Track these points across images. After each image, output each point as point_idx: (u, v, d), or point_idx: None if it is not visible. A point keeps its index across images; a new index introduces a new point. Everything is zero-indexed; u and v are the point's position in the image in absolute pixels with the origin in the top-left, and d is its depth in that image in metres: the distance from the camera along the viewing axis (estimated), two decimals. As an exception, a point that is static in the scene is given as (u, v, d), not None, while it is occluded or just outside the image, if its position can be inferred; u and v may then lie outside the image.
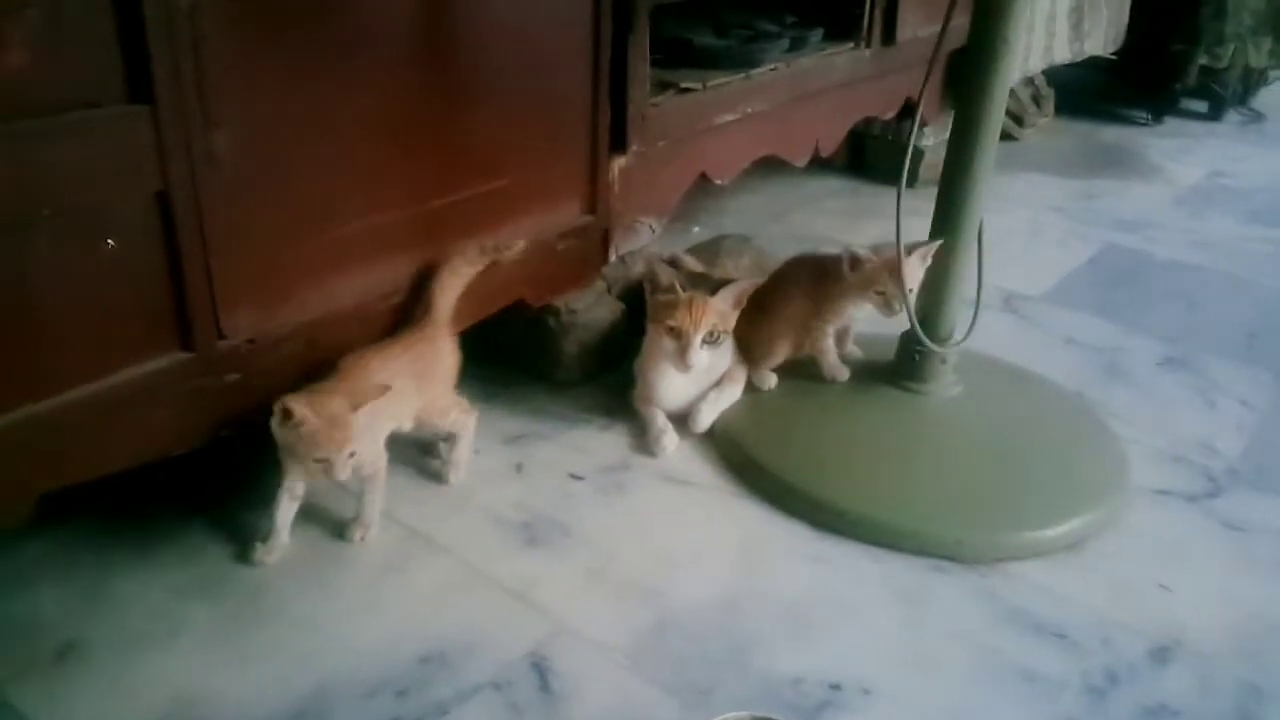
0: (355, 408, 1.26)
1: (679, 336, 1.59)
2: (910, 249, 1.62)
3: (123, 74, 1.09)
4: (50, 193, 1.06)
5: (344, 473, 1.28)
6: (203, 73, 1.14)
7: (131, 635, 1.24)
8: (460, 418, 1.53)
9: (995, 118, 1.55)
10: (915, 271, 1.64)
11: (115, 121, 1.10)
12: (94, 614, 1.27)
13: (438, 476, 1.54)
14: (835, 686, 1.21)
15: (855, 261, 1.66)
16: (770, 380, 1.75)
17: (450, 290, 1.48)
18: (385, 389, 1.29)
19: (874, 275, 1.65)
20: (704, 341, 1.59)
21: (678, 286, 1.59)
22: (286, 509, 1.36)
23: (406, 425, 1.45)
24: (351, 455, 1.27)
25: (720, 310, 1.60)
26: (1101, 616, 1.33)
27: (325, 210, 1.33)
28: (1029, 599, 1.36)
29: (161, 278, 1.18)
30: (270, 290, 1.30)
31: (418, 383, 1.43)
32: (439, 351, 1.47)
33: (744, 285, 1.63)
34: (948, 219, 1.61)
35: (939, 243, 1.63)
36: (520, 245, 1.56)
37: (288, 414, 1.24)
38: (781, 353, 1.76)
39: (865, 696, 1.20)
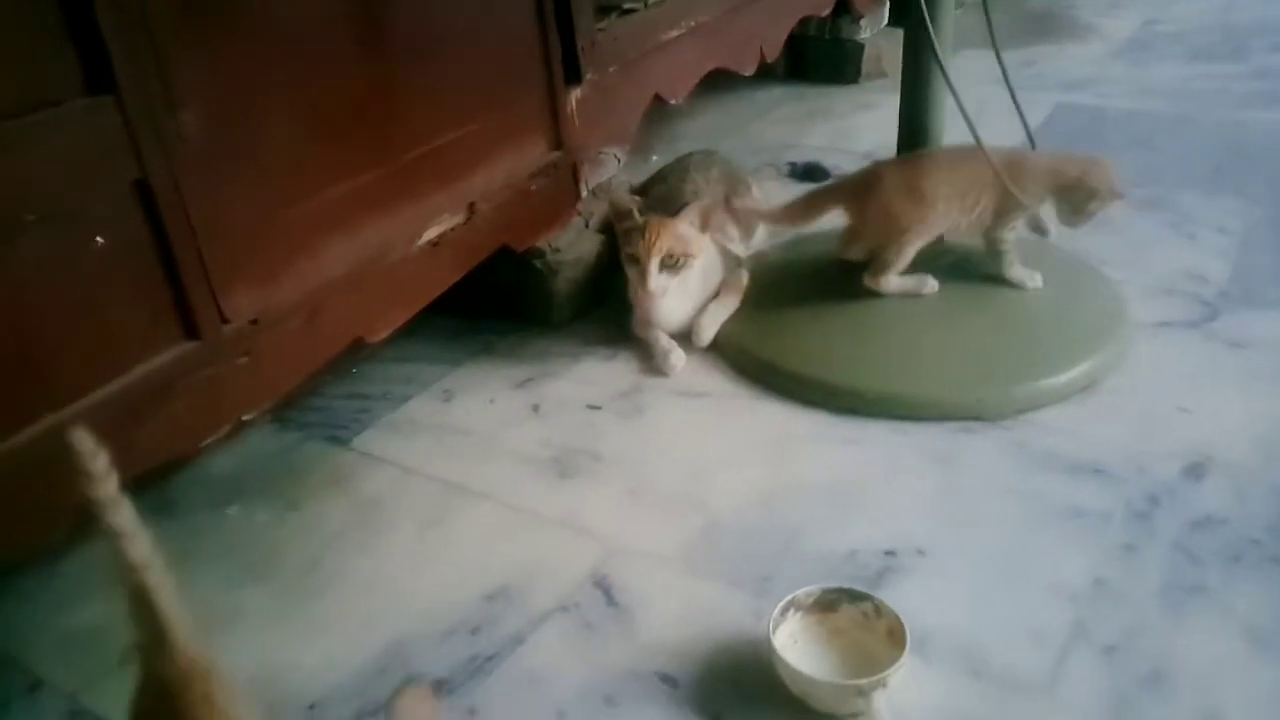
0: None
1: (635, 263, 1.58)
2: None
3: (79, 66, 1.06)
4: (31, 198, 1.04)
5: None
6: (160, 53, 1.11)
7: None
8: None
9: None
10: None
11: (82, 115, 1.07)
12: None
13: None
14: (890, 553, 1.23)
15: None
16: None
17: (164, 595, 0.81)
18: None
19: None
20: (663, 266, 1.57)
21: (635, 212, 1.58)
22: None
23: None
24: None
25: (680, 234, 1.58)
26: (1130, 447, 1.36)
27: (302, 178, 1.31)
28: (1057, 443, 1.38)
29: (156, 268, 1.16)
30: (264, 267, 1.28)
31: None
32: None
33: (705, 204, 1.61)
34: (915, 105, 1.61)
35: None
36: None
37: None
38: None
39: (921, 557, 1.22)
